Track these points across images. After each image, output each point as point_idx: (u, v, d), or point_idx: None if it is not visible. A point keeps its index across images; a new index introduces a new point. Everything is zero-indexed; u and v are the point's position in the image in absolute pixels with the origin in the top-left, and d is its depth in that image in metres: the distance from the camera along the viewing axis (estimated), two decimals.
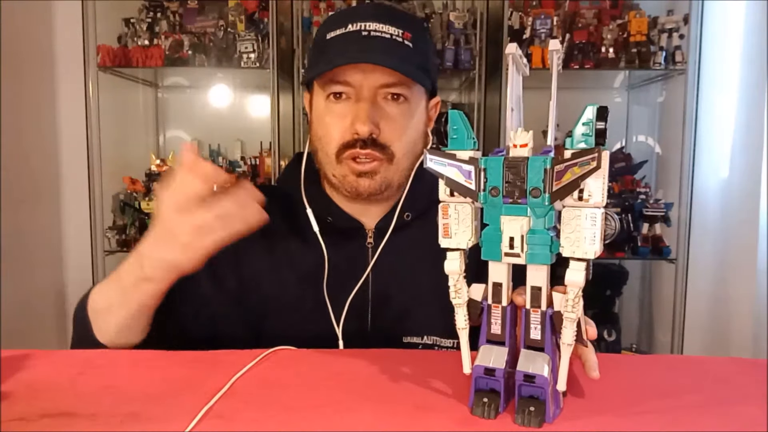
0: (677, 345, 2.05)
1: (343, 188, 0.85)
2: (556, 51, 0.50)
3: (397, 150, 0.84)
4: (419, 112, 0.87)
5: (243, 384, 0.61)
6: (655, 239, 2.06)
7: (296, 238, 0.89)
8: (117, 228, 2.10)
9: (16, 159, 1.96)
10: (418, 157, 0.88)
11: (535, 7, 2.06)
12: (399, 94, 0.82)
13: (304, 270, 0.87)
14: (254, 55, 2.02)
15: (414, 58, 0.82)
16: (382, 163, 0.83)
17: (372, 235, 0.89)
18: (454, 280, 0.54)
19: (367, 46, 0.80)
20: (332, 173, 0.86)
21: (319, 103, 0.86)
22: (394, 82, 0.81)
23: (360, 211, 0.90)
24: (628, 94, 2.41)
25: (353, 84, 0.82)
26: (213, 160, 2.32)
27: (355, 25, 0.82)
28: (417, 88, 0.85)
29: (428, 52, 0.89)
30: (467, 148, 0.52)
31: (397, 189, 0.88)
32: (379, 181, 0.84)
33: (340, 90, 0.82)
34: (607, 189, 0.47)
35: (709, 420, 0.53)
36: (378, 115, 0.82)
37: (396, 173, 0.85)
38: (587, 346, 0.57)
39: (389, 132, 0.82)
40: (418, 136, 0.87)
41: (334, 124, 0.83)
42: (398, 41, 0.81)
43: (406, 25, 0.83)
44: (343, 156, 0.83)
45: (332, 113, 0.84)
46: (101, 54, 2.00)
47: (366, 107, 0.81)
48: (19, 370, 0.65)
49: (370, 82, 0.81)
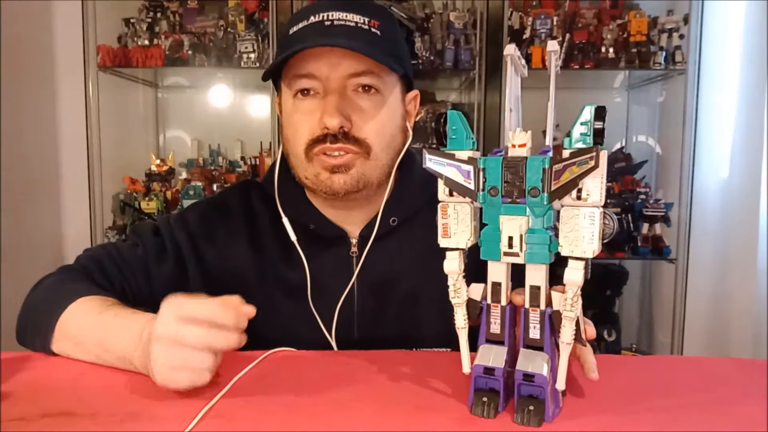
0: (677, 345, 2.05)
1: (318, 189, 0.80)
2: (554, 52, 0.51)
3: (374, 143, 0.79)
4: (394, 104, 0.82)
5: (243, 384, 0.61)
6: (655, 239, 2.06)
7: (280, 247, 0.86)
8: (117, 228, 2.10)
9: (16, 159, 1.96)
10: (398, 153, 0.83)
11: (535, 7, 2.05)
12: (369, 85, 0.78)
13: (288, 283, 0.84)
14: (254, 55, 2.02)
15: (382, 45, 0.78)
16: (357, 156, 0.78)
17: (356, 244, 0.85)
18: (453, 279, 0.54)
19: (329, 33, 0.76)
20: (304, 175, 0.81)
21: (287, 103, 0.82)
22: (362, 71, 0.77)
23: (343, 217, 0.86)
24: (628, 94, 2.41)
25: (319, 76, 0.77)
26: (213, 160, 2.32)
27: (317, 17, 0.78)
28: (389, 78, 0.80)
29: (398, 40, 0.84)
30: (466, 148, 0.52)
31: (378, 188, 0.83)
32: (356, 176, 0.79)
33: (307, 85, 0.78)
34: (605, 188, 0.48)
35: (709, 420, 0.53)
36: (349, 108, 0.77)
37: (375, 170, 0.80)
38: (586, 346, 0.57)
39: (362, 125, 0.78)
40: (396, 131, 0.83)
41: (302, 121, 0.79)
42: (363, 29, 0.77)
43: (372, 14, 0.79)
44: (312, 152, 0.78)
45: (299, 111, 0.80)
46: (101, 54, 2.00)
47: (334, 100, 0.76)
48: (19, 371, 0.65)
49: (337, 73, 0.77)
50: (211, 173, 2.22)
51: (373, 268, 0.84)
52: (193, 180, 2.16)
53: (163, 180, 2.15)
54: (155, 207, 2.07)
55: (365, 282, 0.84)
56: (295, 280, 0.84)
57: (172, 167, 2.19)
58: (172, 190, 2.14)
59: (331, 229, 0.86)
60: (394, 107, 0.82)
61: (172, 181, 2.20)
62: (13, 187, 1.94)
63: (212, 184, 2.16)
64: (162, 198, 2.10)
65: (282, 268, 0.86)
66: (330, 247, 0.85)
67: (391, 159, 0.83)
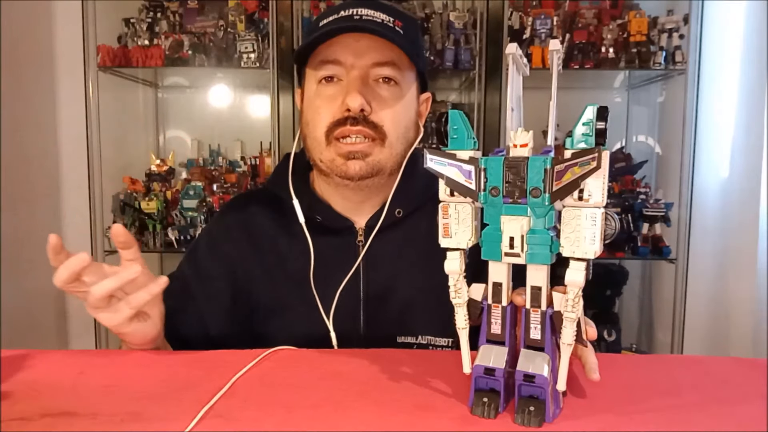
0: (677, 345, 2.05)
1: (332, 173, 0.83)
2: (556, 51, 0.50)
3: (390, 131, 0.82)
4: (411, 99, 0.86)
5: (243, 384, 0.61)
6: (655, 239, 2.06)
7: (285, 239, 0.89)
8: None
9: (16, 159, 1.96)
10: (410, 145, 0.87)
11: (535, 7, 2.06)
12: (390, 78, 0.82)
13: (293, 269, 0.87)
14: (254, 55, 2.02)
15: (405, 43, 0.82)
16: (374, 143, 0.82)
17: (363, 233, 0.88)
18: (454, 279, 0.54)
19: (358, 24, 0.81)
20: (320, 158, 0.84)
21: (311, 88, 0.85)
22: (386, 61, 0.81)
23: (350, 209, 0.89)
24: (628, 94, 2.41)
25: (344, 62, 0.81)
26: (213, 160, 2.32)
27: (347, 11, 0.83)
28: (409, 74, 0.85)
29: (419, 43, 0.89)
30: (467, 148, 0.52)
31: (389, 176, 0.86)
32: (371, 163, 0.82)
33: (332, 71, 0.82)
34: (607, 189, 0.47)
35: (709, 420, 0.53)
36: (369, 95, 0.81)
37: (389, 158, 0.83)
38: (587, 346, 0.57)
39: (381, 112, 0.82)
40: (410, 124, 0.86)
41: (325, 105, 0.82)
42: (389, 26, 0.82)
43: (397, 15, 0.84)
44: (332, 135, 0.81)
45: (322, 96, 0.83)
46: (101, 54, 2.00)
47: (357, 83, 0.80)
48: (19, 370, 0.65)
49: (361, 61, 0.81)
50: (211, 173, 2.22)
51: (378, 257, 0.87)
52: (193, 180, 2.16)
53: (163, 180, 2.15)
54: (155, 207, 2.07)
55: (370, 271, 0.86)
56: (303, 270, 0.86)
57: (172, 167, 2.19)
58: (172, 190, 2.14)
59: (339, 221, 0.88)
60: (410, 101, 0.86)
61: (172, 181, 2.20)
62: (13, 187, 1.94)
63: (212, 184, 2.17)
64: (162, 198, 2.10)
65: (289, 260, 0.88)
66: (336, 237, 0.88)
67: (404, 149, 0.86)
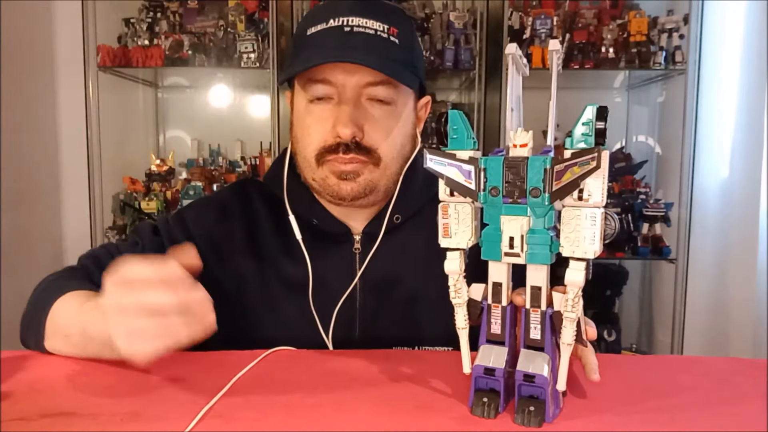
0: (677, 345, 2.05)
1: (324, 193, 0.81)
2: (556, 51, 0.50)
3: (384, 153, 0.79)
4: (406, 114, 0.82)
5: (243, 384, 0.61)
6: (655, 239, 2.06)
7: (281, 243, 0.86)
8: (117, 228, 2.10)
9: (16, 159, 1.96)
10: (406, 160, 0.84)
11: (535, 7, 2.05)
12: (383, 99, 0.78)
13: (289, 279, 0.84)
14: (254, 55, 2.02)
15: (400, 56, 0.78)
16: (366, 164, 0.79)
17: (360, 240, 0.85)
18: (453, 279, 0.54)
19: (348, 42, 0.76)
20: (312, 177, 0.82)
21: (300, 104, 0.82)
22: (378, 81, 0.77)
23: (347, 213, 0.86)
24: (628, 94, 2.41)
25: (335, 83, 0.77)
26: (213, 160, 2.32)
27: (337, 20, 0.77)
28: (404, 88, 0.80)
29: (415, 48, 0.84)
30: (467, 148, 0.52)
31: (384, 194, 0.84)
32: (363, 183, 0.79)
33: (322, 91, 0.78)
34: (606, 189, 0.47)
35: (709, 420, 0.53)
36: (362, 118, 0.77)
37: (383, 178, 0.81)
38: (587, 346, 0.57)
39: (374, 135, 0.78)
40: (406, 139, 0.83)
41: (315, 126, 0.79)
42: (383, 37, 0.77)
43: (392, 20, 0.79)
44: (323, 160, 0.79)
45: (313, 115, 0.79)
46: (101, 54, 2.00)
47: (348, 109, 0.76)
48: (19, 370, 0.65)
49: (352, 82, 0.77)
50: (211, 173, 2.22)
51: (376, 264, 0.84)
52: (193, 180, 2.16)
53: (163, 180, 2.15)
54: (155, 207, 2.07)
55: (368, 278, 0.84)
56: (297, 278, 0.83)
57: (172, 167, 2.19)
58: (172, 190, 2.14)
59: (335, 225, 0.86)
60: (406, 117, 0.82)
61: (172, 181, 2.20)
62: (13, 187, 1.94)
63: (212, 184, 2.16)
64: (162, 198, 2.10)
65: (283, 265, 0.85)
66: (333, 244, 0.85)
67: (400, 166, 0.83)
